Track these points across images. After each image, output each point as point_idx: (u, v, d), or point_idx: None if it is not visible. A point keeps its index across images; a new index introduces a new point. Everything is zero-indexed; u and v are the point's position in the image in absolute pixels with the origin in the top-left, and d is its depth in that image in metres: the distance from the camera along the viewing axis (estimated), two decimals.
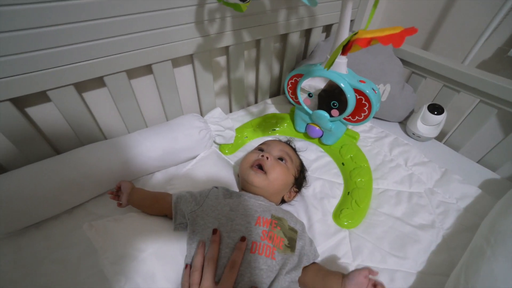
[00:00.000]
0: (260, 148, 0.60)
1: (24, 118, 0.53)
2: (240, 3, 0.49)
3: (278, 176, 0.53)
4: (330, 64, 0.40)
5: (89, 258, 0.50)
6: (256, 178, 0.53)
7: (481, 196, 0.65)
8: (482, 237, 0.50)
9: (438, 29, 1.00)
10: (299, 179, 0.60)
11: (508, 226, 0.48)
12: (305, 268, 0.47)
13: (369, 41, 0.34)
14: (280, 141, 0.64)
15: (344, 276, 0.43)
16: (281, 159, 0.57)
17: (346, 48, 0.37)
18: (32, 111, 0.56)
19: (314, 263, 0.49)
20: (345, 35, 0.57)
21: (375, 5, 0.37)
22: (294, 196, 0.60)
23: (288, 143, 0.65)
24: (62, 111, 0.57)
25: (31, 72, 0.48)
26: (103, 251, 0.47)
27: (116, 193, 0.55)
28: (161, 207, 0.52)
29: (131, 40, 0.55)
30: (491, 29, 0.78)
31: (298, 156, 0.64)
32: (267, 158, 0.54)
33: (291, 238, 0.46)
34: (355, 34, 0.36)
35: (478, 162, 0.79)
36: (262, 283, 0.38)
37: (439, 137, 0.85)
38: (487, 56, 0.88)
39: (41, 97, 0.54)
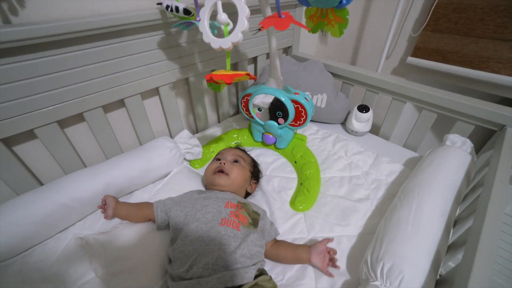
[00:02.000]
0: (217, 158, 0.72)
1: (13, 155, 0.61)
2: (185, 16, 0.64)
3: (237, 174, 0.66)
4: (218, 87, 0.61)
5: (80, 269, 0.55)
6: (221, 180, 0.65)
7: (404, 170, 0.83)
8: (397, 197, 0.66)
9: (358, 47, 1.25)
10: (255, 172, 0.74)
11: (411, 185, 0.65)
12: (277, 244, 0.59)
13: (210, 77, 0.53)
14: (231, 147, 0.78)
15: (310, 246, 0.57)
16: (236, 161, 0.70)
17: (209, 78, 0.55)
18: (19, 148, 0.65)
19: (285, 241, 0.61)
20: (275, 60, 0.74)
21: (228, 55, 0.55)
22: (255, 187, 0.74)
23: (237, 147, 0.80)
24: (47, 146, 0.65)
25: (22, 114, 0.58)
26: (95, 258, 0.55)
27: (104, 207, 0.64)
28: (145, 214, 0.62)
29: (106, 81, 0.67)
30: (388, 44, 1.01)
31: (248, 154, 0.78)
32: (224, 163, 0.67)
33: (255, 218, 0.59)
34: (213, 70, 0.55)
35: (403, 146, 0.98)
36: (230, 245, 0.50)
37: (375, 131, 1.04)
38: (395, 65, 1.12)
39: (28, 135, 0.63)
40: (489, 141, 0.81)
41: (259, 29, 0.50)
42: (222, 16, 0.50)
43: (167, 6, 0.63)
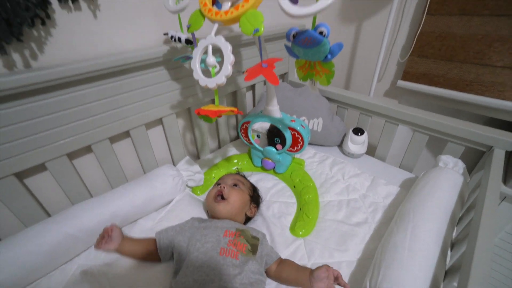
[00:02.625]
0: (217, 183, 0.76)
1: (24, 188, 0.64)
2: (187, 45, 0.70)
3: (236, 198, 0.69)
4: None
5: None
6: (220, 207, 0.68)
7: (400, 192, 0.85)
8: (394, 221, 0.67)
9: (351, 72, 1.31)
10: (254, 196, 0.77)
11: (406, 208, 0.67)
12: (281, 265, 0.61)
13: (199, 111, 0.58)
14: (231, 173, 0.82)
15: (311, 271, 0.56)
16: (235, 185, 0.73)
17: (197, 112, 0.60)
18: (29, 181, 0.68)
19: (288, 260, 0.62)
20: (272, 91, 0.78)
21: (216, 92, 0.61)
22: (255, 211, 0.76)
23: (237, 173, 0.83)
24: (56, 177, 0.69)
25: (34, 149, 0.62)
26: None
27: (106, 237, 0.59)
28: (147, 248, 0.61)
29: (113, 115, 0.72)
30: (378, 69, 1.07)
31: (248, 180, 0.81)
32: (224, 187, 0.70)
33: (254, 244, 0.60)
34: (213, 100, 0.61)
35: (399, 167, 1.00)
36: (229, 274, 0.51)
37: (372, 152, 1.07)
38: (387, 87, 1.18)
39: (39, 168, 0.67)
40: (480, 161, 0.83)
41: (243, 73, 0.56)
42: (211, 60, 0.55)
43: (172, 36, 0.71)
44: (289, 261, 0.63)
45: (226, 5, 0.52)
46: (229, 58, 0.51)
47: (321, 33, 0.47)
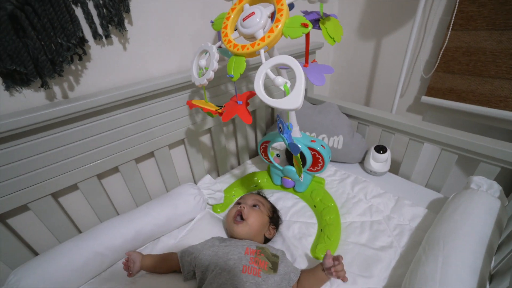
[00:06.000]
0: (238, 202, 0.77)
1: (58, 207, 0.69)
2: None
3: (255, 219, 0.69)
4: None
5: None
6: (239, 229, 0.68)
7: (428, 214, 0.80)
8: (422, 248, 0.64)
9: (372, 87, 1.29)
10: (274, 218, 0.76)
11: (436, 235, 0.63)
12: (300, 278, 0.62)
13: (189, 103, 0.70)
14: (252, 193, 0.82)
15: (321, 265, 0.61)
16: (255, 205, 0.74)
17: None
18: (63, 199, 0.73)
19: (303, 272, 0.63)
20: (291, 112, 0.79)
21: (204, 89, 0.66)
22: (274, 233, 0.75)
23: (258, 193, 0.83)
24: (87, 197, 0.73)
25: (67, 172, 0.66)
26: None
27: (127, 263, 0.63)
28: (170, 265, 0.65)
29: (139, 137, 0.76)
30: (401, 84, 1.04)
31: (268, 201, 0.81)
32: (244, 207, 0.70)
33: (274, 262, 0.61)
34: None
35: (426, 186, 0.95)
36: None
37: (395, 169, 1.03)
38: (410, 103, 1.14)
39: (72, 188, 0.72)
40: None
41: (221, 107, 0.67)
42: (202, 62, 0.63)
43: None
44: (304, 273, 0.63)
45: (234, 34, 0.57)
46: (213, 55, 0.58)
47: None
